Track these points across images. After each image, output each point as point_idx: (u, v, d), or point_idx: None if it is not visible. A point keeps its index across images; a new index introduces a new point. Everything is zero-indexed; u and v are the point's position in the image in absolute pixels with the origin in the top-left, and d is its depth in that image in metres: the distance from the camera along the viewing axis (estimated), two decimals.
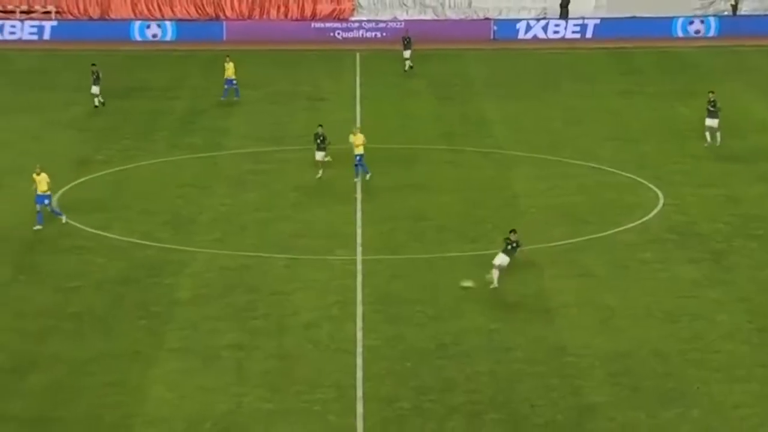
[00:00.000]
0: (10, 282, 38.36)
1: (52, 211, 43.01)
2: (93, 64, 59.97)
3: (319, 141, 48.43)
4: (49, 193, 42.80)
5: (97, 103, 59.16)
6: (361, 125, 56.11)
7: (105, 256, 40.52)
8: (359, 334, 34.48)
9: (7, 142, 53.68)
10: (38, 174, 42.82)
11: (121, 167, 50.55)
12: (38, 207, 42.63)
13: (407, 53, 67.67)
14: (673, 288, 37.94)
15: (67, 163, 50.40)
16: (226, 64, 61.37)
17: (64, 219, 43.13)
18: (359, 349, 33.54)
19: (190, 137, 55.49)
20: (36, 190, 42.66)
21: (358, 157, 47.82)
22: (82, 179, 48.71)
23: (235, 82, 61.23)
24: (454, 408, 30.31)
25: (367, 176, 47.90)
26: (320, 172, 48.25)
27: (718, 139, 52.87)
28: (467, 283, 37.13)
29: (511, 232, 37.66)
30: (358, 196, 46.80)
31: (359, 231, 43.07)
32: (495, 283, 37.16)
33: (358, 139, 47.83)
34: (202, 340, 34.17)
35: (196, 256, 40.55)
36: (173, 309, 36.41)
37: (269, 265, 39.92)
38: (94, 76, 59.23)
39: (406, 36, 68.81)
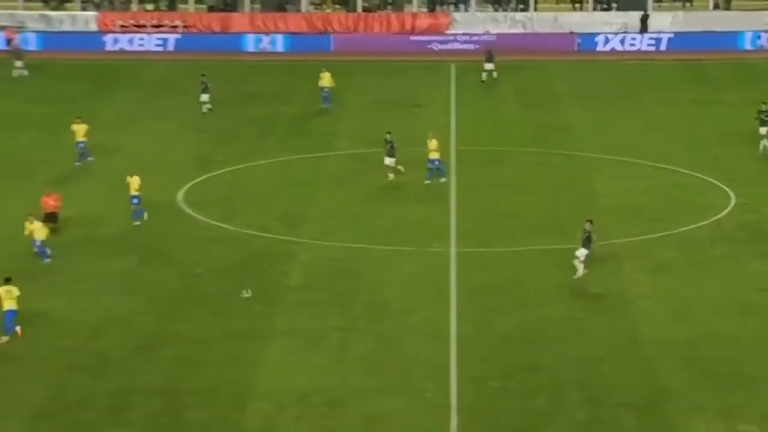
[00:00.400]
0: (142, 268, 38.92)
1: (135, 211, 42.81)
2: (202, 75, 60.15)
3: (388, 147, 48.15)
4: (138, 194, 42.79)
5: (205, 110, 59.25)
6: (456, 129, 56.42)
7: (224, 246, 40.96)
8: (452, 320, 34.56)
9: (139, 145, 54.23)
10: (131, 177, 43.10)
11: (239, 166, 51.00)
12: (132, 206, 43.00)
13: (489, 65, 67.26)
14: (743, 282, 37.51)
15: (191, 163, 50.92)
16: (321, 74, 61.44)
17: (138, 222, 42.67)
18: (452, 334, 33.62)
19: (300, 139, 55.76)
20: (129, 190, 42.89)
21: (434, 162, 47.52)
22: (204, 177, 49.17)
23: (327, 91, 61.21)
24: (539, 388, 30.31)
25: (441, 180, 47.41)
26: (391, 175, 47.86)
27: (763, 145, 52.18)
28: (246, 294, 36.42)
29: (587, 221, 37.50)
30: (453, 193, 46.86)
31: (453, 226, 43.11)
32: (579, 274, 37.02)
33: (432, 144, 47.69)
34: (309, 323, 34.46)
35: (305, 247, 40.84)
36: (284, 294, 36.73)
37: (370, 255, 40.10)
38: (203, 86, 59.42)
39: (489, 50, 68.64)
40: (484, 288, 37.07)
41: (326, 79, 61.17)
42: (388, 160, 48.03)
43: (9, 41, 72.41)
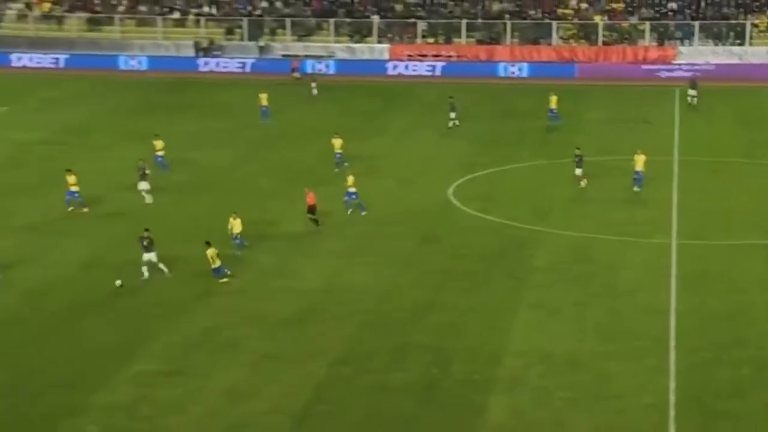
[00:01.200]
0: (419, 249, 39.55)
1: (347, 201, 42.88)
2: (450, 97, 60.08)
3: (577, 160, 47.04)
4: (354, 190, 42.77)
5: (451, 125, 58.97)
6: (679, 142, 54.89)
7: (484, 233, 41.22)
8: (672, 300, 33.84)
9: (416, 150, 55.11)
10: (349, 175, 43.48)
11: (497, 168, 51.20)
12: (347, 198, 43.08)
13: (693, 92, 64.88)
14: None
15: (458, 165, 51.33)
16: (550, 97, 60.56)
17: (351, 211, 42.78)
18: (671, 311, 32.95)
19: (546, 148, 55.35)
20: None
21: (638, 173, 45.77)
22: (469, 176, 49.59)
23: (554, 111, 60.15)
24: (745, 359, 29.43)
25: (636, 189, 45.82)
26: (581, 183, 46.74)
27: None
28: (118, 282, 34.91)
29: None
30: (674, 195, 45.66)
31: (674, 222, 42.06)
32: None
33: (639, 159, 46.20)
34: (552, 298, 34.44)
35: (549, 236, 40.70)
36: (531, 274, 36.76)
37: (603, 244, 39.63)
38: (451, 106, 59.33)
39: (694, 78, 66.53)
40: (700, 274, 36.13)
41: (554, 101, 60.42)
42: (578, 171, 47.11)
43: (293, 69, 75.13)
